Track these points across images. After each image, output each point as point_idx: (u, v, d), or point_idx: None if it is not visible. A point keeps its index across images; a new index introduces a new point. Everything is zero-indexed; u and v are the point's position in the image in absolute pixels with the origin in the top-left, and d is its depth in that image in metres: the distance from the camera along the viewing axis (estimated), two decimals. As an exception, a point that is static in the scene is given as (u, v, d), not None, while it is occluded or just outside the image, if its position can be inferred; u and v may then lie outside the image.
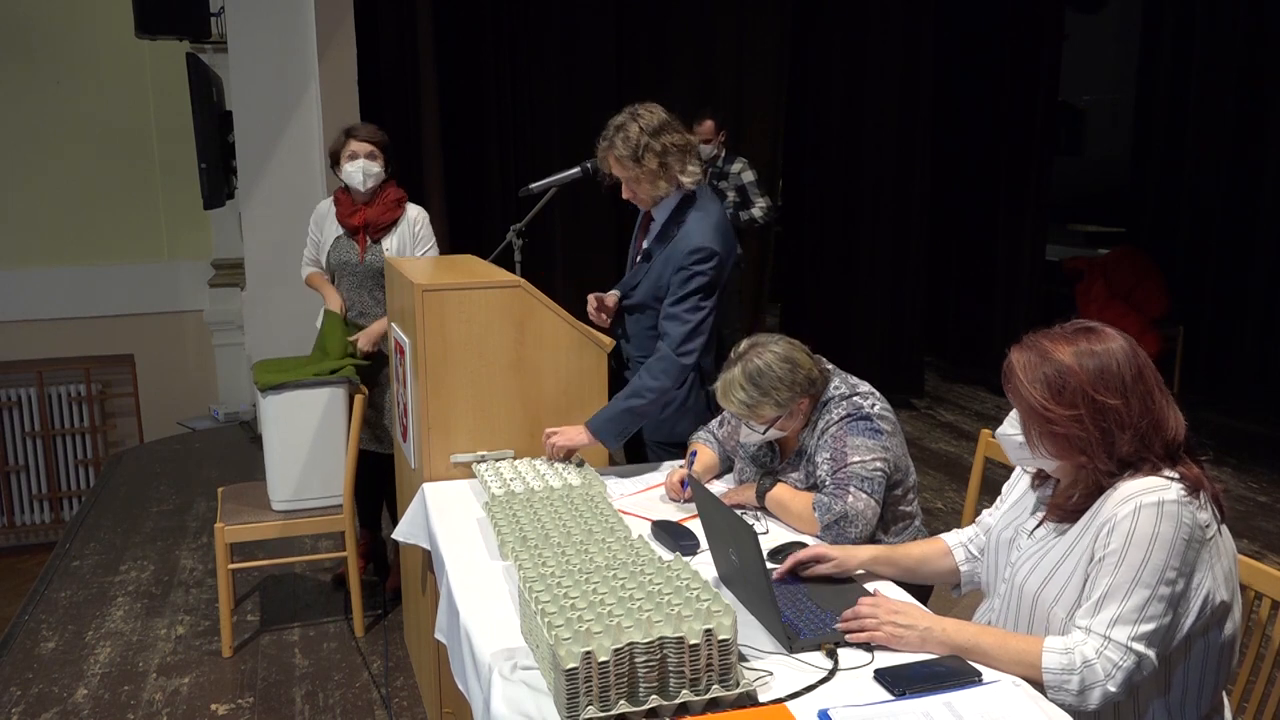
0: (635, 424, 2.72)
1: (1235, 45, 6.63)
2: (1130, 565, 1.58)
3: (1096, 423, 1.63)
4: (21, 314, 6.74)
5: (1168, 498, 1.59)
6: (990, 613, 1.86)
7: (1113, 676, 1.57)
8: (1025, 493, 1.89)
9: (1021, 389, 1.68)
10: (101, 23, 6.67)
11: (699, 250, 2.71)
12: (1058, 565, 1.70)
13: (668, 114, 2.78)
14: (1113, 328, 1.71)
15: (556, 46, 6.28)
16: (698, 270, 2.71)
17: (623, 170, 2.75)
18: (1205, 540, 1.62)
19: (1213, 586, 1.63)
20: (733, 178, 5.80)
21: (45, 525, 6.80)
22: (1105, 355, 1.65)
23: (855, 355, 6.48)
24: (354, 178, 3.64)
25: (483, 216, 6.10)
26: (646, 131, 2.70)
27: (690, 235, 2.74)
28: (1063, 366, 1.65)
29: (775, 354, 2.32)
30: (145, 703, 3.24)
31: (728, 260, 2.78)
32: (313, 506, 3.52)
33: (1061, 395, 1.64)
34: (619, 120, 2.75)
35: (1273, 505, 4.95)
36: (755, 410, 2.32)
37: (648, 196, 2.80)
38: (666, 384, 2.69)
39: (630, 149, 2.70)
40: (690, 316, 2.71)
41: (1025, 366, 1.69)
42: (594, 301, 3.01)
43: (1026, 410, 1.69)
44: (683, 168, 2.75)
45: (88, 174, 6.83)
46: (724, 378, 2.35)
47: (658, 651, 1.53)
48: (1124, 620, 1.58)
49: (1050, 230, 7.37)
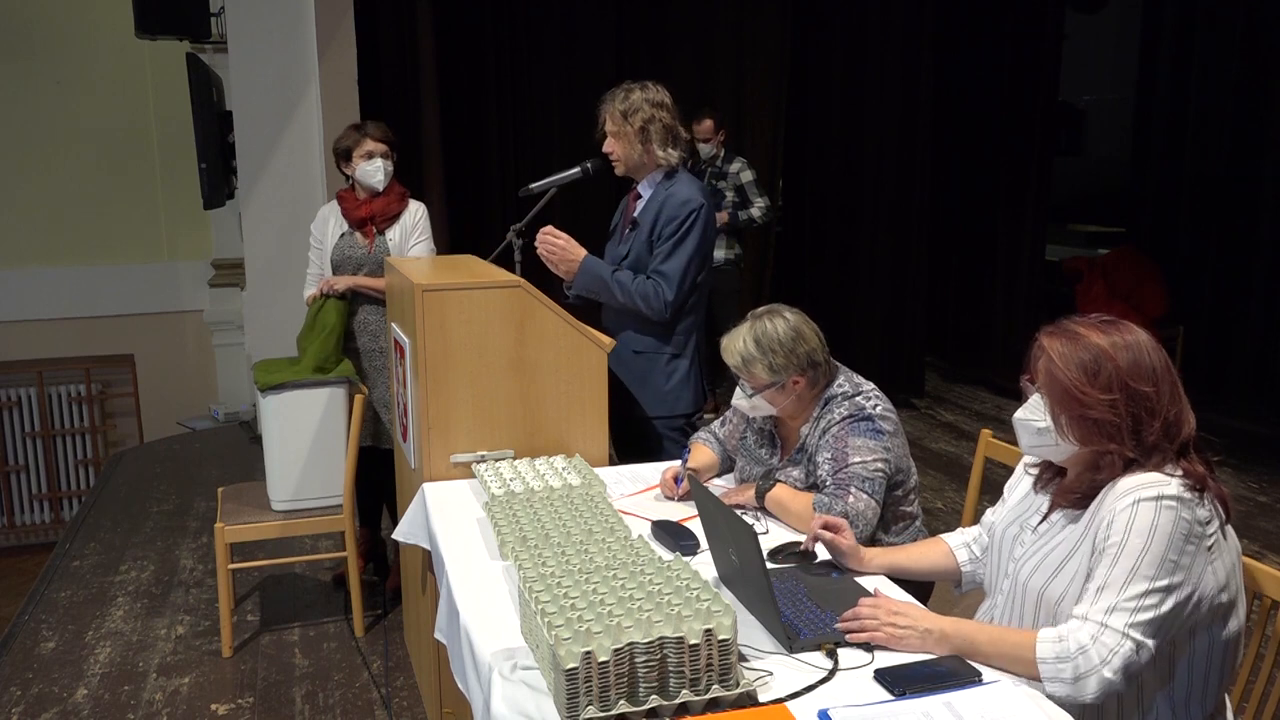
0: (598, 294, 3.01)
1: (1235, 45, 6.62)
2: (1128, 556, 1.58)
3: (1129, 409, 1.64)
4: (21, 314, 6.74)
5: (1167, 492, 1.60)
6: (993, 610, 1.86)
7: (1109, 662, 1.56)
8: (1028, 493, 1.89)
9: (1056, 371, 1.68)
10: (101, 23, 6.67)
11: (690, 201, 2.94)
12: (1063, 562, 1.70)
13: (672, 101, 3.02)
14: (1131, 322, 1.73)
15: (556, 46, 6.29)
16: (691, 221, 2.93)
17: (612, 124, 3.01)
18: (1204, 536, 1.62)
19: (1214, 583, 1.63)
20: (731, 177, 5.80)
21: (45, 525, 6.80)
22: (1136, 347, 1.67)
23: (855, 355, 6.47)
24: (374, 176, 3.66)
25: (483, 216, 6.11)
26: (645, 99, 2.97)
27: (680, 191, 2.97)
28: (1099, 351, 1.66)
29: (786, 321, 2.38)
30: (145, 703, 3.24)
31: (711, 222, 3.02)
32: (313, 506, 3.52)
33: (1097, 379, 1.65)
34: (629, 85, 3.03)
35: (1273, 505, 4.95)
36: (749, 367, 2.36)
37: (623, 156, 3.02)
38: (639, 303, 2.94)
39: (625, 105, 2.97)
40: (680, 261, 2.92)
41: (1060, 351, 1.68)
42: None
43: (1060, 393, 1.68)
44: (662, 146, 2.99)
45: (88, 174, 6.83)
46: (732, 332, 2.41)
47: (658, 651, 1.53)
48: (1120, 608, 1.57)
49: (1050, 230, 7.37)
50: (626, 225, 3.12)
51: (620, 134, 2.99)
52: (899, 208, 6.81)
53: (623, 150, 3.01)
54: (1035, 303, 7.07)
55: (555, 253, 3.01)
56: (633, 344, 3.02)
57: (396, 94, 5.84)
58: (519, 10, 6.15)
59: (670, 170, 3.03)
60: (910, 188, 6.80)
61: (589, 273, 2.99)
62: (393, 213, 3.74)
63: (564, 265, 3.01)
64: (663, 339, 3.00)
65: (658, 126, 2.96)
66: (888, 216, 6.82)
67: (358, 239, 3.72)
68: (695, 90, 6.35)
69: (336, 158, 3.77)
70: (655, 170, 3.04)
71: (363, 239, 3.72)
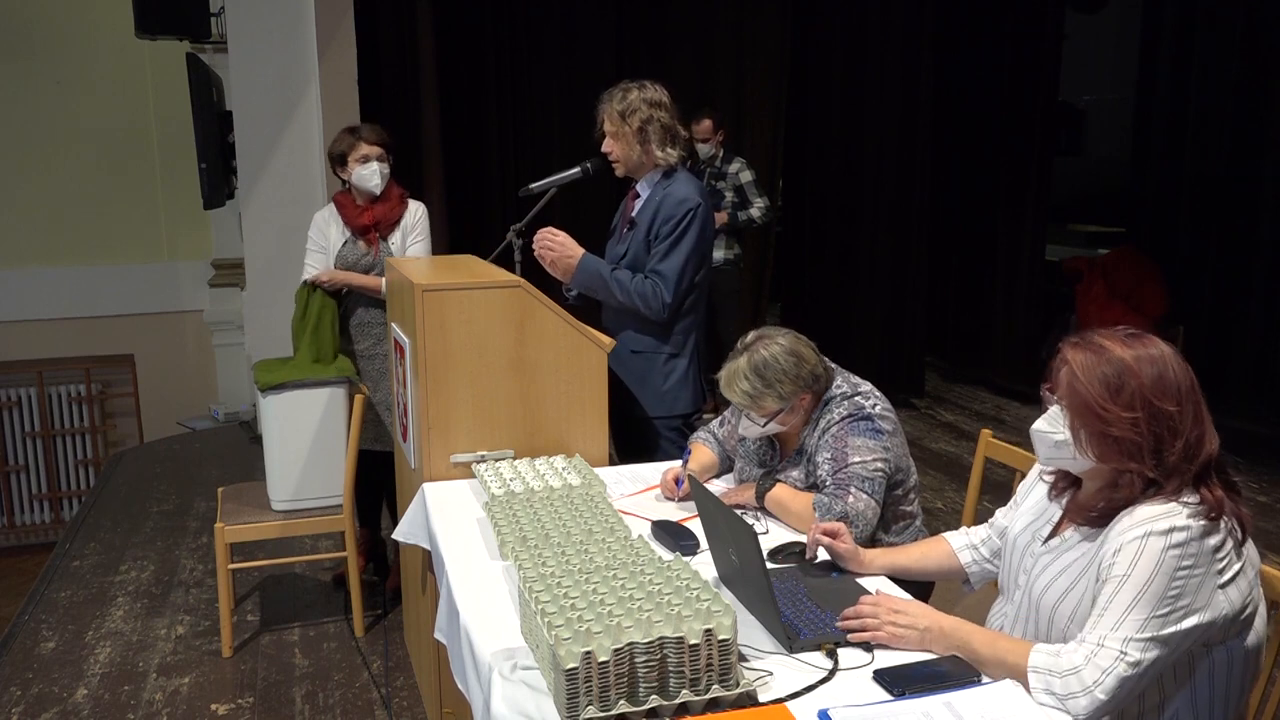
0: (596, 292, 3.01)
1: (1235, 45, 6.62)
2: (1133, 587, 1.55)
3: (1152, 428, 1.59)
4: (21, 314, 6.74)
5: (1178, 523, 1.56)
6: (1004, 617, 1.85)
7: (1101, 684, 1.52)
8: (1041, 500, 1.86)
9: (1079, 386, 1.63)
10: (101, 23, 6.67)
11: (687, 200, 2.93)
12: (1073, 584, 1.68)
13: (671, 100, 3.02)
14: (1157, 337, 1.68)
15: (556, 46, 6.28)
16: (688, 220, 2.91)
17: (610, 124, 3.00)
18: (1216, 567, 1.58)
19: (1228, 606, 1.59)
20: (731, 178, 5.80)
21: (45, 525, 6.80)
22: (1162, 362, 1.62)
23: (855, 355, 6.48)
24: (370, 180, 3.64)
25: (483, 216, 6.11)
26: (642, 99, 2.96)
27: (677, 190, 2.97)
28: (1123, 367, 1.61)
29: (781, 346, 2.34)
30: (145, 703, 3.24)
31: (709, 221, 3.01)
32: (312, 506, 3.52)
33: (1120, 396, 1.60)
34: (627, 84, 3.02)
35: (1273, 505, 4.95)
36: (758, 402, 2.33)
37: (622, 157, 3.01)
38: (637, 303, 2.93)
39: (623, 106, 2.96)
40: (678, 261, 2.92)
41: (1083, 364, 1.64)
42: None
43: (1081, 408, 1.63)
44: (660, 145, 2.98)
45: (88, 174, 6.83)
46: (728, 367, 2.37)
47: (658, 651, 1.53)
48: (1118, 633, 1.55)
49: (1050, 230, 7.36)
50: (625, 225, 3.12)
51: (619, 134, 2.99)
52: (899, 208, 6.81)
53: (621, 150, 3.01)
54: (1035, 303, 7.06)
55: (554, 250, 3.00)
56: (632, 344, 3.02)
57: (396, 94, 5.84)
58: (519, 10, 6.15)
59: (669, 169, 3.03)
60: (910, 188, 6.79)
61: (587, 270, 2.99)
62: (395, 218, 3.71)
63: (562, 264, 3.01)
64: (661, 339, 3.00)
65: (656, 126, 2.96)
66: (888, 216, 6.82)
67: (361, 246, 3.70)
68: (695, 90, 6.34)
69: (331, 163, 3.73)
70: (654, 170, 3.03)
71: (366, 246, 3.70)
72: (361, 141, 3.63)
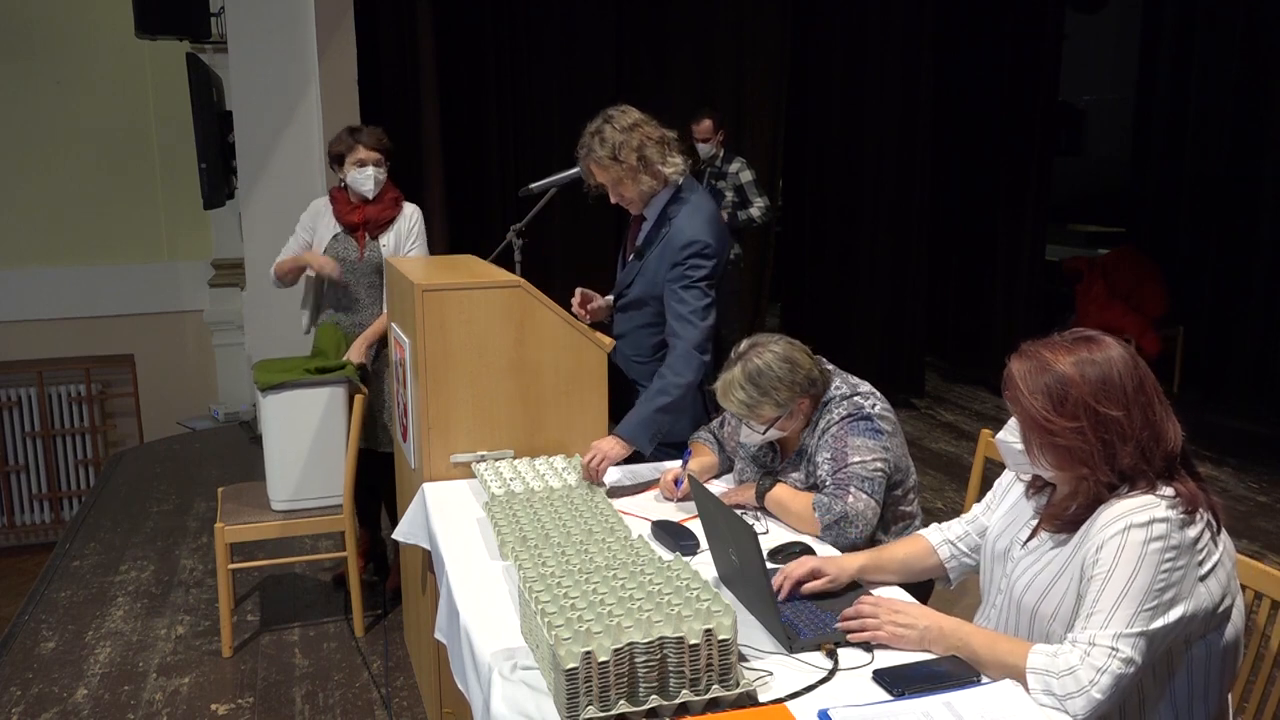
0: (667, 423, 2.69)
1: (1235, 45, 6.62)
2: (1118, 582, 1.56)
3: (1098, 434, 1.61)
4: (21, 314, 6.74)
5: (1158, 515, 1.57)
6: (986, 621, 1.86)
7: (1096, 683, 1.53)
8: (1019, 500, 1.87)
9: (1022, 399, 1.65)
10: (101, 23, 6.66)
11: (693, 243, 2.73)
12: (1053, 581, 1.69)
13: (641, 113, 2.80)
14: (1111, 336, 1.69)
15: (556, 46, 6.28)
16: (696, 264, 2.74)
17: (605, 173, 2.78)
18: (1197, 558, 1.60)
19: (1209, 597, 1.61)
20: (731, 177, 5.80)
21: (45, 525, 6.80)
22: (1106, 365, 1.63)
23: (855, 355, 6.48)
24: (364, 185, 3.66)
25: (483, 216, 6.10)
26: (620, 129, 2.72)
27: (682, 230, 2.77)
28: (1064, 377, 1.62)
29: (775, 354, 2.32)
30: (145, 703, 3.24)
31: (722, 251, 2.82)
32: (312, 506, 3.52)
33: (1063, 406, 1.62)
34: (593, 126, 2.77)
35: (1273, 505, 4.95)
36: (755, 410, 2.33)
37: (635, 195, 2.81)
38: (690, 378, 2.70)
39: (609, 149, 2.72)
40: (700, 311, 2.73)
41: (1025, 376, 1.66)
42: (579, 297, 3.02)
43: (1027, 421, 1.66)
44: (663, 159, 2.77)
45: (88, 174, 6.83)
46: (724, 378, 2.35)
47: (658, 651, 1.53)
48: (1108, 630, 1.56)
49: (1050, 230, 7.37)
50: (630, 253, 2.97)
51: (620, 177, 2.76)
52: (899, 208, 6.81)
53: (630, 190, 2.79)
54: (1035, 303, 7.07)
55: (607, 464, 2.59)
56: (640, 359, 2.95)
57: (396, 94, 5.84)
58: (519, 10, 6.15)
59: (676, 192, 2.81)
60: (910, 188, 6.79)
61: (639, 432, 2.63)
62: (385, 219, 3.73)
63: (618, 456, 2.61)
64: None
65: (650, 145, 2.74)
66: (888, 216, 6.82)
67: (350, 244, 3.72)
68: (695, 90, 6.34)
69: (330, 160, 3.77)
70: (666, 188, 2.81)
71: (354, 244, 3.72)
72: (360, 146, 3.66)
